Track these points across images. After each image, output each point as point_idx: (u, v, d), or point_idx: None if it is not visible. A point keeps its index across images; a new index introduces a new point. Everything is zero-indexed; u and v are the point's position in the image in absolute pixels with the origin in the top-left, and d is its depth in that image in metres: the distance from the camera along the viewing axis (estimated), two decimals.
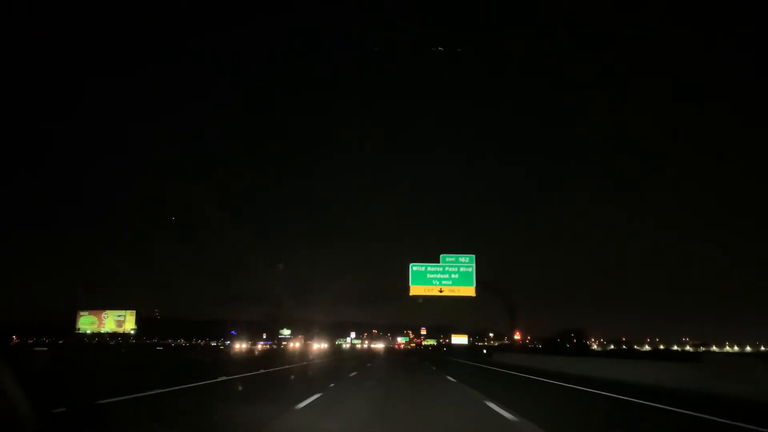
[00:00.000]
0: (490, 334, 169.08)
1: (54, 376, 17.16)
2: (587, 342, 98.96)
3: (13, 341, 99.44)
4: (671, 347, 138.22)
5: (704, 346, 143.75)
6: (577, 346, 79.91)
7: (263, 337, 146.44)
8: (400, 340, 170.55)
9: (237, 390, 14.60)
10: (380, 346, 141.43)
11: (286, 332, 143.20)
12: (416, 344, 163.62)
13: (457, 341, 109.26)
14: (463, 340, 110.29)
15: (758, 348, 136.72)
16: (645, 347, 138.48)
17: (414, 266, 41.71)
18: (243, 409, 10.11)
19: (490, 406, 10.50)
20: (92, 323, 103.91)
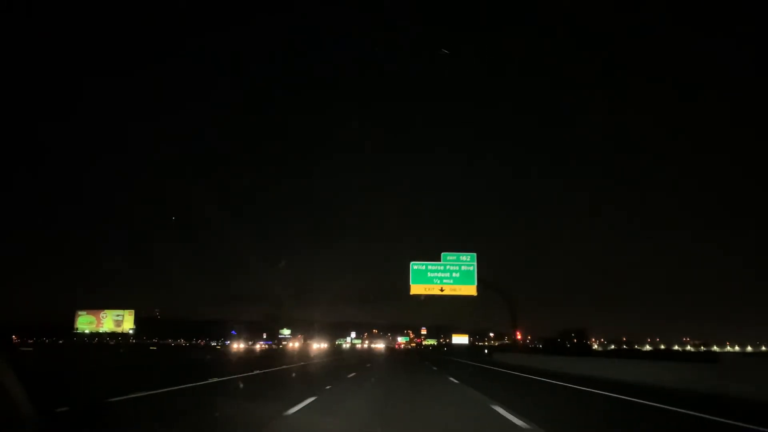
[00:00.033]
0: (491, 334, 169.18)
1: (54, 375, 17.15)
2: (588, 342, 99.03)
3: (13, 341, 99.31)
4: (672, 347, 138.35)
5: (705, 346, 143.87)
6: (577, 346, 80.00)
7: (263, 336, 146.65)
8: (401, 340, 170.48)
9: (230, 391, 14.16)
10: (380, 346, 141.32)
11: (286, 332, 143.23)
12: (416, 344, 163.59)
13: (458, 341, 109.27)
14: (463, 339, 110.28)
15: (759, 348, 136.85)
16: (646, 347, 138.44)
17: (414, 264, 41.29)
18: (230, 411, 9.66)
19: (490, 406, 10.49)
20: (90, 323, 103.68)
